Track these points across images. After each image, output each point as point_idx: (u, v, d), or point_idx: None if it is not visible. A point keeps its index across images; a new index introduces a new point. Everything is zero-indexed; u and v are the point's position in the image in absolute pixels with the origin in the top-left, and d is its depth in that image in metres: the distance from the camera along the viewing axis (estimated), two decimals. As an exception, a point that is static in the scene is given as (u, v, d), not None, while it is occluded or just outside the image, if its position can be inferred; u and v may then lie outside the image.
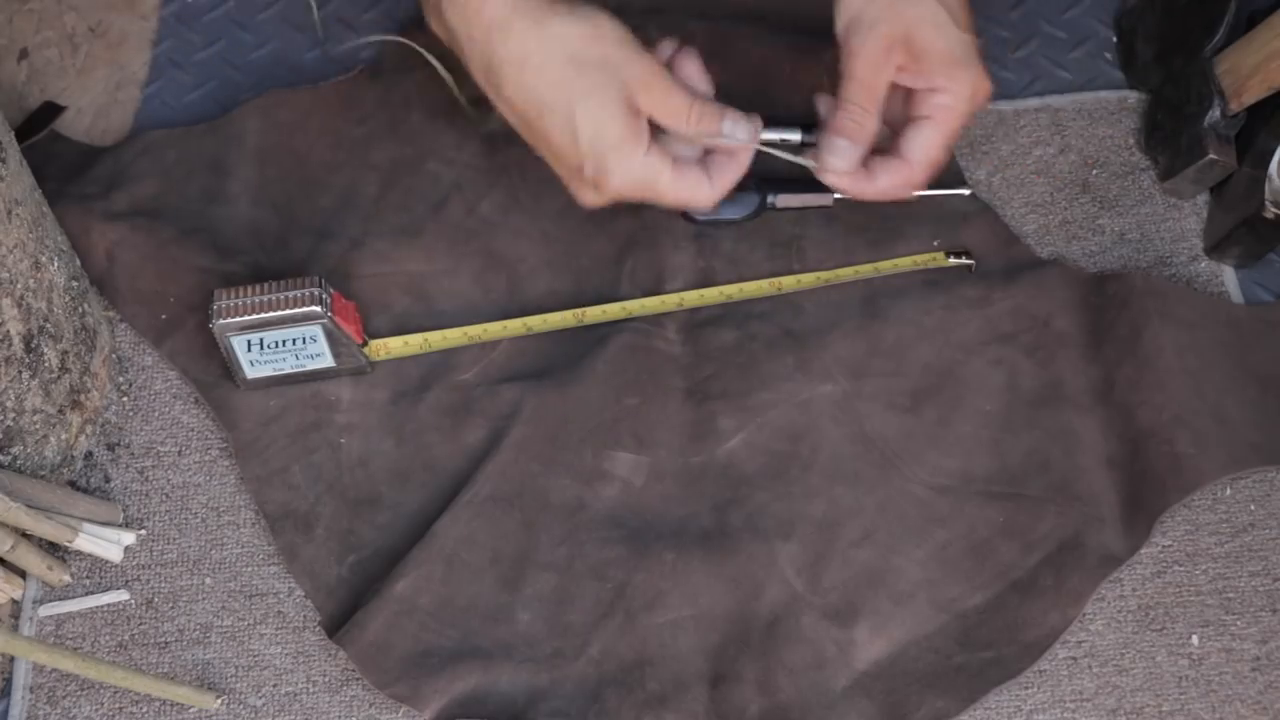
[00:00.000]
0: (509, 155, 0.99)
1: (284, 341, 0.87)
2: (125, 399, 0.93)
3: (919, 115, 0.84)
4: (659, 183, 0.82)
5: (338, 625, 0.83)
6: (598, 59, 0.80)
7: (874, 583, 0.83)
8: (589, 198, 0.84)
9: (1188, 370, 0.87)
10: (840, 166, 0.84)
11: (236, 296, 0.86)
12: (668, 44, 0.86)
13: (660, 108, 0.81)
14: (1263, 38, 0.90)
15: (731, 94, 1.02)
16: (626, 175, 0.81)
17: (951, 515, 0.85)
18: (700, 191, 0.84)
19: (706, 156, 0.85)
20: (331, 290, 0.87)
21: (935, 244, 0.95)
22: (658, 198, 0.83)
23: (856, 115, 0.83)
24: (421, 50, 0.94)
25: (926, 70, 0.82)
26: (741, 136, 0.83)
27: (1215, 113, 0.92)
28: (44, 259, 0.85)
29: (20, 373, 0.83)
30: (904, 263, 0.94)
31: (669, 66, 0.84)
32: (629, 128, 0.81)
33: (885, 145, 0.86)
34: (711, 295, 0.93)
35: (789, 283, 0.93)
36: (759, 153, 0.99)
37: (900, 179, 0.85)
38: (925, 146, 0.84)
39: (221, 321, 0.86)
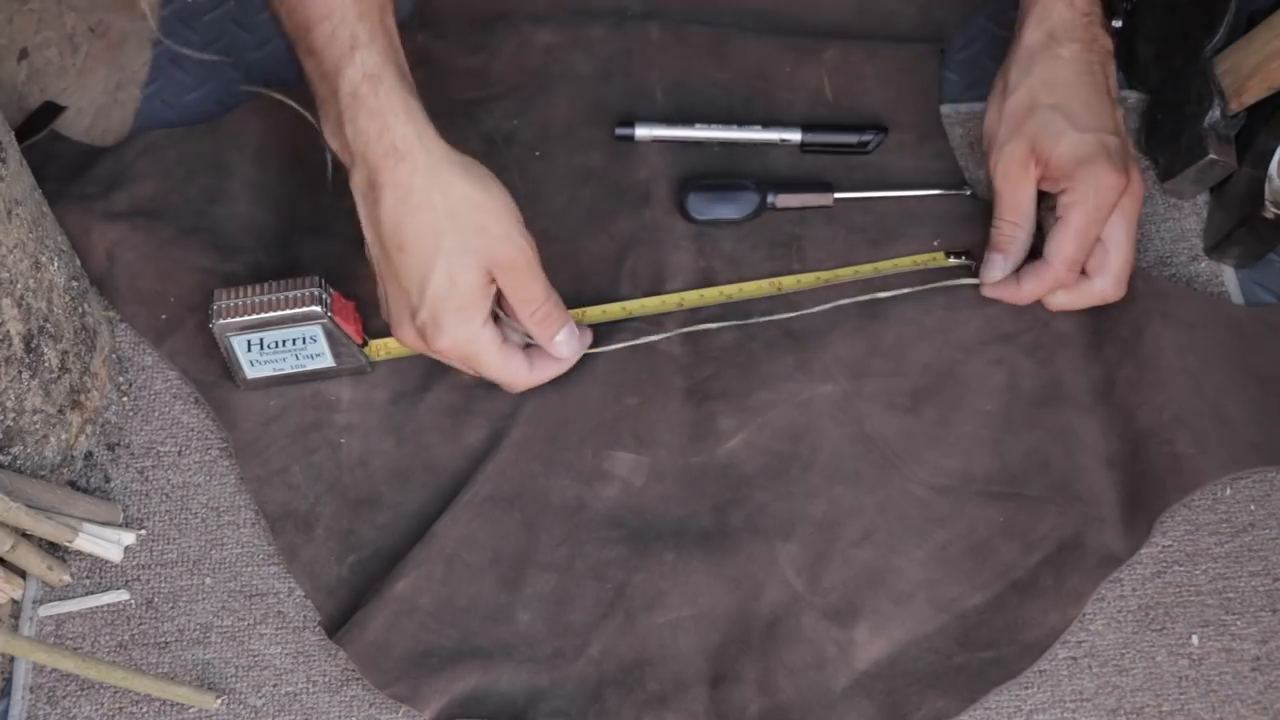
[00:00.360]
0: (508, 155, 0.99)
1: (284, 341, 0.87)
2: (125, 399, 0.92)
3: (1057, 217, 0.87)
4: (482, 356, 0.83)
5: (338, 625, 0.83)
6: (475, 225, 0.80)
7: (874, 583, 0.83)
8: (407, 338, 0.84)
9: (1188, 370, 0.87)
10: (994, 277, 0.90)
11: (236, 296, 0.86)
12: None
13: (515, 292, 0.83)
14: (1263, 38, 0.90)
15: (732, 94, 1.02)
16: (455, 338, 0.82)
17: (951, 515, 0.85)
18: (519, 376, 0.86)
19: (530, 346, 0.87)
20: (331, 290, 0.87)
21: (935, 244, 0.95)
22: (477, 368, 0.84)
23: (1005, 230, 0.90)
24: (288, 101, 0.96)
25: (1054, 174, 0.87)
26: (564, 353, 0.87)
27: (1215, 113, 0.92)
28: (44, 259, 0.85)
29: (20, 373, 0.83)
30: (904, 262, 0.94)
31: None
32: (476, 297, 0.81)
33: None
34: (711, 295, 0.93)
35: (789, 282, 0.93)
36: (758, 152, 1.00)
37: (1042, 282, 0.88)
38: (1057, 246, 0.87)
39: (221, 321, 0.86)
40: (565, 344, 0.86)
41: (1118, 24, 0.92)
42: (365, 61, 0.78)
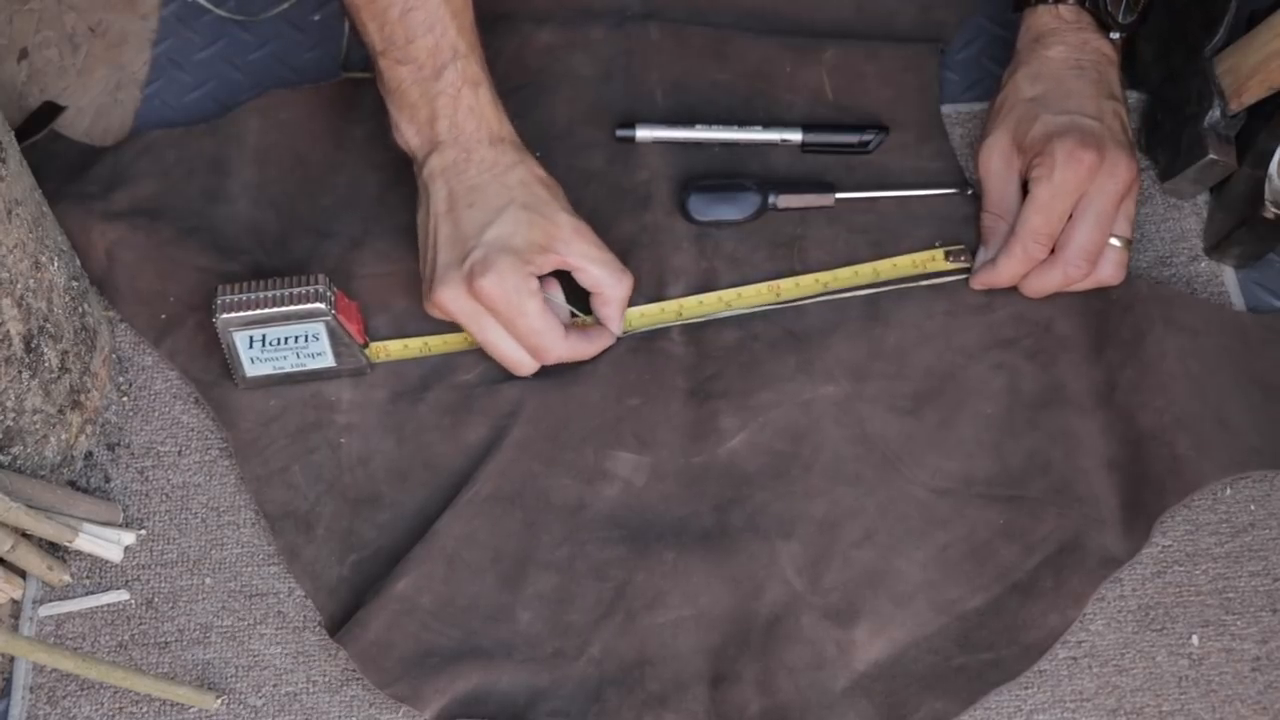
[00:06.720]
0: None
1: (286, 339, 0.87)
2: (125, 399, 0.92)
3: (1028, 191, 0.89)
4: (526, 304, 0.85)
5: (339, 625, 0.83)
6: (545, 197, 0.87)
7: (874, 583, 0.83)
8: (445, 295, 0.85)
9: (1190, 375, 0.87)
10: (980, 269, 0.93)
11: (240, 292, 0.86)
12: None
13: (584, 253, 0.87)
14: (1263, 38, 0.90)
15: (732, 94, 1.02)
16: (503, 281, 0.84)
17: (952, 517, 0.85)
18: (553, 340, 0.87)
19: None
20: (335, 289, 0.87)
21: (936, 244, 0.95)
22: (514, 318, 0.85)
23: (988, 221, 0.93)
24: None
25: (1029, 155, 0.90)
26: (617, 326, 0.90)
27: (1215, 113, 0.92)
28: (44, 259, 0.85)
29: (20, 373, 0.83)
30: (903, 263, 0.93)
31: None
32: (532, 251, 0.85)
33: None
34: (711, 302, 0.93)
35: (788, 288, 0.93)
36: (759, 153, 1.00)
37: (1012, 257, 0.89)
38: (1023, 218, 0.89)
39: (225, 316, 0.85)
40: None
41: (1115, 36, 0.92)
42: (466, 70, 0.86)
